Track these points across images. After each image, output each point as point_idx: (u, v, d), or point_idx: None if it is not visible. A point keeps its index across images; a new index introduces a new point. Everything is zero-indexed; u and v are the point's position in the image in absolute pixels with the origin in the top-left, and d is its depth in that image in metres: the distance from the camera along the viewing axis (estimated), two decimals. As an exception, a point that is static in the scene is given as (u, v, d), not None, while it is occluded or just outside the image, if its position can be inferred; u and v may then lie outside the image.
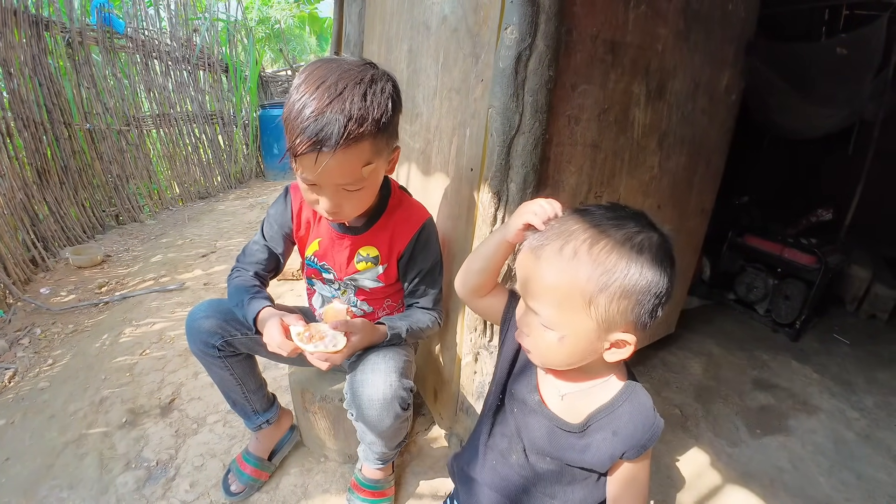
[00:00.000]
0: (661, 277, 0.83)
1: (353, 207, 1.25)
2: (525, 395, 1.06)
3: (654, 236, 0.85)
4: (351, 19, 2.56)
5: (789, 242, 2.95)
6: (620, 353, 0.89)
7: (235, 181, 6.43)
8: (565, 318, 0.86)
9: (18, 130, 3.65)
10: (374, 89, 1.09)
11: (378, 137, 1.12)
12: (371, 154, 1.13)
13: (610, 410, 0.96)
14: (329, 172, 1.09)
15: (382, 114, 1.10)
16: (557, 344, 0.89)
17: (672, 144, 1.86)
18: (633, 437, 0.93)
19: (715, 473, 1.84)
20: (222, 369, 1.46)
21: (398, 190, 1.47)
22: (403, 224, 1.41)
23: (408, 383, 1.34)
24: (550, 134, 1.40)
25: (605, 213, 0.87)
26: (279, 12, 9.60)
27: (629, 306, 0.83)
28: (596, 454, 0.96)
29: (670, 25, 1.65)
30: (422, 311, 1.49)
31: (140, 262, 3.69)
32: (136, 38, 5.02)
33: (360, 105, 1.06)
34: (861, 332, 3.12)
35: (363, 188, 1.20)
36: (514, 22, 1.21)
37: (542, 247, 0.87)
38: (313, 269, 1.49)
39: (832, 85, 2.46)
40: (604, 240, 0.83)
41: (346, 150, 1.06)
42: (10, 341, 2.50)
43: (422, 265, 1.44)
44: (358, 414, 1.33)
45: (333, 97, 1.04)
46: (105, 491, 1.63)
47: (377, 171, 1.20)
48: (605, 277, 0.81)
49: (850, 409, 2.31)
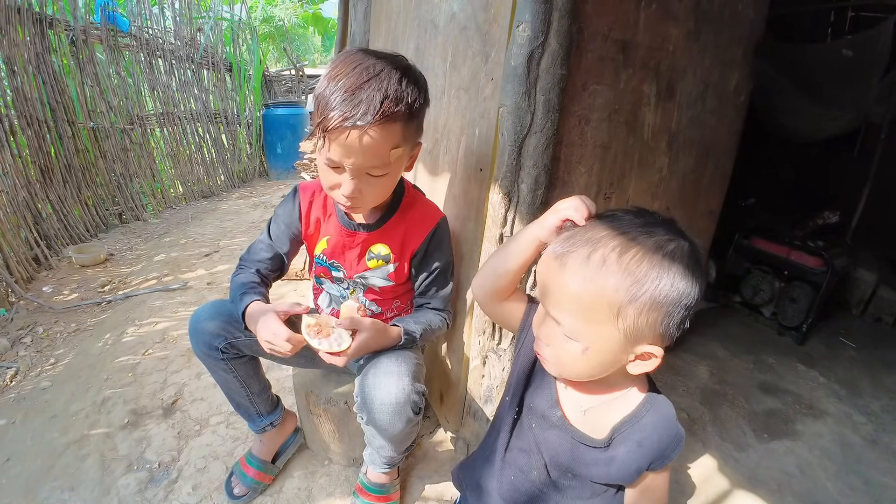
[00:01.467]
0: (693, 288, 0.79)
1: (374, 195, 1.24)
2: (546, 410, 1.02)
3: (685, 245, 0.81)
4: (356, 18, 2.55)
5: (796, 245, 2.93)
6: (645, 365, 0.86)
7: (239, 180, 6.44)
8: (590, 329, 0.82)
9: (22, 128, 3.64)
10: (409, 76, 1.12)
11: (409, 123, 1.14)
12: (401, 138, 1.13)
13: (634, 422, 0.92)
14: (359, 150, 1.08)
15: (415, 100, 1.12)
16: (580, 356, 0.85)
17: (681, 145, 1.84)
18: (658, 448, 0.90)
19: (722, 478, 1.82)
20: (226, 372, 1.45)
21: (412, 189, 1.46)
22: (418, 223, 1.40)
23: (420, 387, 1.32)
24: (560, 134, 1.39)
25: (634, 220, 0.84)
26: (283, 11, 9.59)
27: (658, 318, 0.80)
28: (622, 467, 0.92)
29: (681, 25, 1.64)
30: (433, 311, 1.47)
31: (143, 261, 3.68)
32: (141, 36, 5.02)
33: (398, 87, 1.08)
34: (867, 335, 3.09)
35: (386, 175, 1.19)
36: (527, 19, 1.19)
37: (567, 254, 0.83)
38: (322, 267, 1.48)
39: (838, 86, 2.45)
40: (634, 248, 0.79)
41: (379, 127, 1.06)
42: (11, 340, 2.49)
43: (435, 264, 1.43)
44: (369, 418, 1.31)
45: (371, 76, 1.06)
46: (107, 493, 1.61)
47: (402, 159, 1.20)
48: (635, 288, 0.78)
49: (856, 413, 2.29)
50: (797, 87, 2.48)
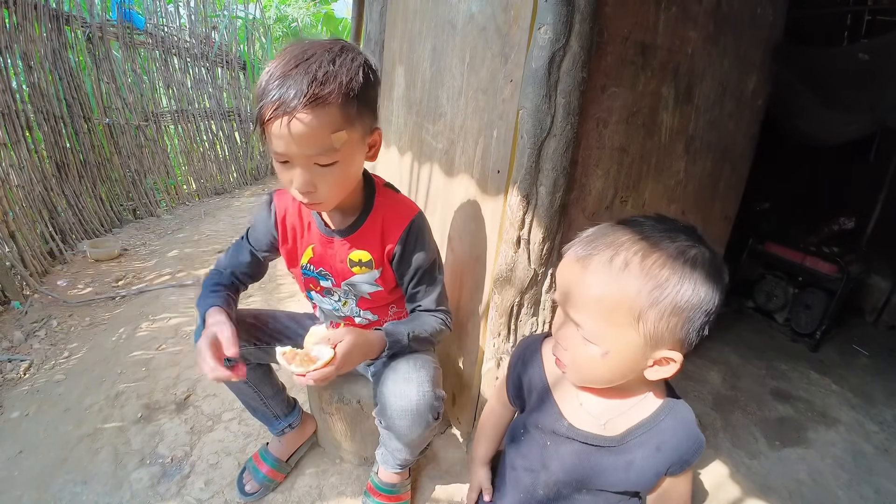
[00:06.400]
0: (714, 294, 0.80)
1: (329, 187, 1.15)
2: (552, 424, 1.02)
3: (706, 251, 0.82)
4: (372, 17, 2.55)
5: (811, 251, 2.90)
6: (663, 371, 0.86)
7: (251, 178, 6.48)
8: (611, 332, 0.83)
9: (38, 124, 3.69)
10: (343, 57, 1.07)
11: (347, 105, 1.06)
12: (340, 121, 1.06)
13: (651, 425, 0.93)
14: (295, 138, 1.03)
15: (351, 79, 1.06)
16: (600, 360, 0.85)
17: (698, 149, 1.83)
18: (677, 452, 0.91)
19: (734, 485, 1.81)
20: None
21: (383, 187, 1.37)
22: (391, 222, 1.32)
23: (441, 393, 1.31)
24: (579, 137, 1.38)
25: (656, 225, 0.84)
26: (297, 10, 9.61)
27: (679, 323, 0.80)
28: (640, 472, 0.93)
29: (700, 28, 1.62)
30: (426, 314, 1.40)
31: (157, 257, 3.71)
32: (156, 34, 5.07)
33: (328, 69, 1.03)
34: (880, 343, 3.07)
35: (336, 164, 1.11)
36: (549, 22, 1.19)
37: (589, 257, 0.84)
38: (310, 277, 1.42)
39: (854, 91, 2.42)
40: (656, 252, 0.80)
41: (310, 112, 1.01)
42: (26, 333, 2.51)
43: (417, 264, 1.34)
44: (388, 423, 1.30)
45: (301, 61, 1.03)
46: (119, 486, 1.62)
47: (351, 145, 1.12)
48: (657, 292, 0.78)
49: (869, 421, 2.27)
50: (813, 91, 2.45)
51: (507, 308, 1.50)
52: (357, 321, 1.49)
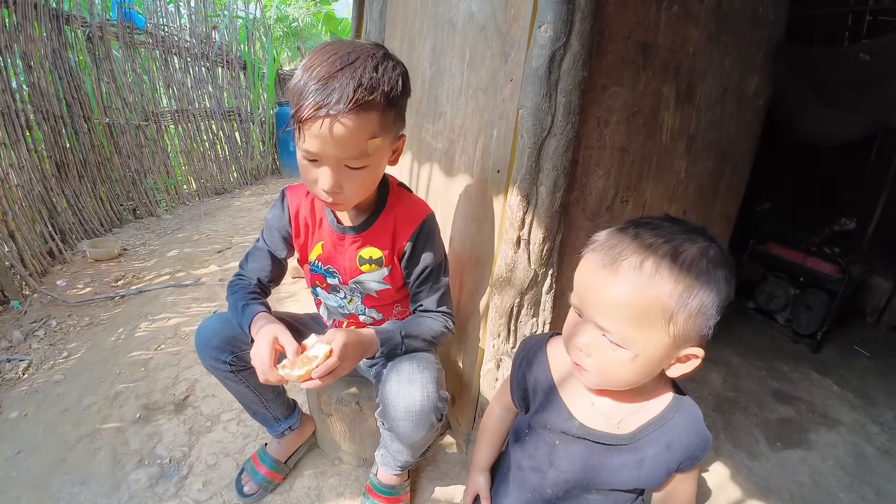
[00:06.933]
0: (730, 290, 0.84)
1: (354, 189, 1.17)
2: (563, 425, 1.03)
3: (719, 251, 0.85)
4: (372, 17, 2.54)
5: (812, 251, 2.89)
6: (685, 367, 0.89)
7: (251, 177, 6.48)
8: (641, 335, 0.84)
9: (38, 123, 3.68)
10: (386, 65, 1.08)
11: (386, 113, 1.09)
12: (378, 128, 1.09)
13: (661, 423, 0.94)
14: (334, 141, 1.05)
15: (392, 88, 1.08)
16: (629, 363, 0.86)
17: (699, 149, 1.82)
18: (687, 449, 0.93)
19: (735, 487, 1.80)
20: (236, 383, 1.43)
21: (396, 187, 1.40)
22: (404, 221, 1.34)
23: (444, 394, 1.30)
24: (579, 136, 1.37)
25: (674, 227, 0.86)
26: (297, 10, 9.61)
27: (704, 321, 0.83)
28: (651, 469, 0.94)
29: (701, 27, 1.62)
30: (426, 314, 1.40)
31: (156, 257, 3.70)
32: (156, 34, 5.07)
33: (372, 75, 1.04)
34: (882, 344, 3.05)
35: (366, 168, 1.14)
36: (549, 20, 1.18)
37: (617, 262, 0.84)
38: (317, 274, 1.43)
39: (855, 91, 2.41)
40: (682, 255, 0.82)
41: (353, 116, 1.02)
42: (25, 332, 2.51)
43: (425, 263, 1.36)
44: (391, 425, 1.29)
45: (345, 65, 1.03)
46: (117, 487, 1.61)
47: (382, 151, 1.15)
48: (686, 294, 0.81)
49: (870, 423, 2.26)
50: (814, 91, 2.45)
51: (507, 309, 1.49)
52: (361, 319, 1.49)
